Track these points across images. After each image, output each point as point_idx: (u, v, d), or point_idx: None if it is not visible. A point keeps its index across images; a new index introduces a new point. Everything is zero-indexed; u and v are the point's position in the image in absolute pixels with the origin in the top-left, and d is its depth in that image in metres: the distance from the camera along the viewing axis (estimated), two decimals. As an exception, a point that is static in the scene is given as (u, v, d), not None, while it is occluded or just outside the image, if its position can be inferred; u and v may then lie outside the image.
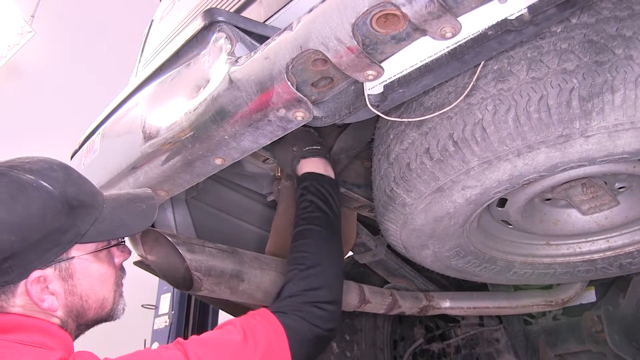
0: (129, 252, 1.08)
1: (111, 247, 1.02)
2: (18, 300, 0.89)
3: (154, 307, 3.90)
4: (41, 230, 0.89)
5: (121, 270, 1.06)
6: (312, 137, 1.42)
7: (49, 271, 0.91)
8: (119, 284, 1.04)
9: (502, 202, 1.33)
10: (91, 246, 0.97)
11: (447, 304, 1.99)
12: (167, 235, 1.29)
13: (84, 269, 0.95)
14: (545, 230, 1.50)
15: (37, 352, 0.86)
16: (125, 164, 1.27)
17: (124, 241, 1.07)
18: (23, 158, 0.95)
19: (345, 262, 2.46)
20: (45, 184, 0.91)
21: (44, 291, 0.90)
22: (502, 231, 1.52)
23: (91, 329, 1.03)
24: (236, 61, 0.98)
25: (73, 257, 0.93)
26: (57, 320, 0.92)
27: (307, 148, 1.37)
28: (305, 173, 1.34)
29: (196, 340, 0.96)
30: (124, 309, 1.04)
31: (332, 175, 1.36)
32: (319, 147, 1.39)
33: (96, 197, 0.99)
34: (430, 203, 1.18)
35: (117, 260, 1.04)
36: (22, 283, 0.89)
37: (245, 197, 1.91)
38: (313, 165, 1.35)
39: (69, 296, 0.93)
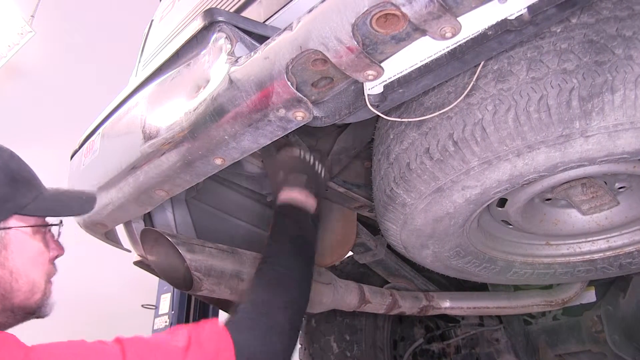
0: (63, 249, 1.06)
1: (49, 226, 1.02)
2: None
3: (154, 307, 3.91)
4: None
5: (53, 265, 1.04)
6: (297, 165, 1.34)
7: None
8: (50, 276, 1.02)
9: (502, 202, 1.33)
10: (30, 221, 0.97)
11: (447, 304, 1.99)
12: (167, 235, 1.29)
13: (20, 243, 0.95)
14: (545, 230, 1.50)
15: None
16: (125, 164, 1.27)
17: (61, 223, 1.06)
18: None
19: (345, 262, 2.46)
20: None
21: None
22: (502, 231, 1.52)
23: (93, 330, 1.02)
24: (236, 61, 0.98)
25: (10, 228, 0.94)
26: None
27: (294, 175, 1.29)
28: (283, 203, 1.26)
29: (138, 339, 0.94)
30: (53, 307, 1.01)
31: (309, 204, 1.27)
32: (305, 177, 1.29)
33: (38, 180, 1.01)
34: (430, 203, 1.18)
35: (51, 253, 1.02)
36: None
37: (245, 197, 1.91)
38: (294, 194, 1.26)
39: (0, 268, 0.92)
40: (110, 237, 1.60)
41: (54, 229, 1.05)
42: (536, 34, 0.95)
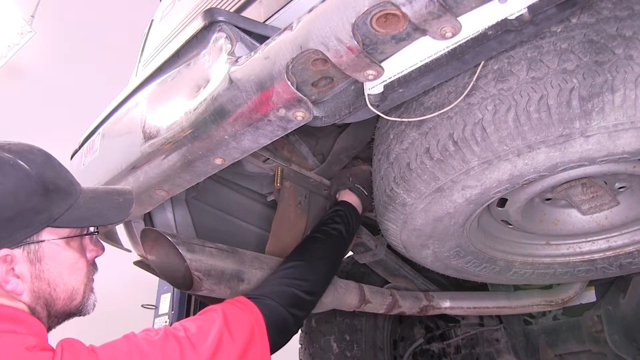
0: (102, 248, 1.06)
1: (84, 235, 1.01)
2: None
3: (154, 307, 3.90)
4: (13, 208, 0.88)
5: (93, 265, 1.05)
6: (366, 179, 1.62)
7: (17, 252, 0.89)
8: (90, 278, 1.02)
9: (502, 202, 1.33)
10: (64, 232, 0.96)
11: (447, 304, 1.99)
12: (167, 235, 1.29)
13: (54, 255, 0.94)
14: (545, 230, 1.50)
15: (6, 339, 0.83)
16: (125, 164, 1.27)
17: (97, 232, 1.06)
18: (7, 140, 0.95)
19: (345, 262, 2.46)
20: (22, 163, 0.90)
21: (9, 272, 0.89)
22: (502, 231, 1.52)
23: (93, 330, 1.02)
24: (236, 61, 0.98)
25: (43, 241, 0.92)
26: (23, 306, 0.90)
27: (358, 186, 1.61)
28: (344, 200, 1.58)
29: (178, 338, 0.95)
30: (94, 305, 1.02)
31: (362, 212, 1.59)
32: (364, 190, 1.61)
33: (73, 185, 0.99)
34: (430, 203, 1.18)
35: (89, 255, 1.02)
36: None
37: (245, 197, 1.91)
38: (353, 198, 1.58)
39: (36, 281, 0.91)
40: (110, 237, 1.60)
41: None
42: (536, 34, 0.95)
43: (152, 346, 0.91)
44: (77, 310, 1.00)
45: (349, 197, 1.58)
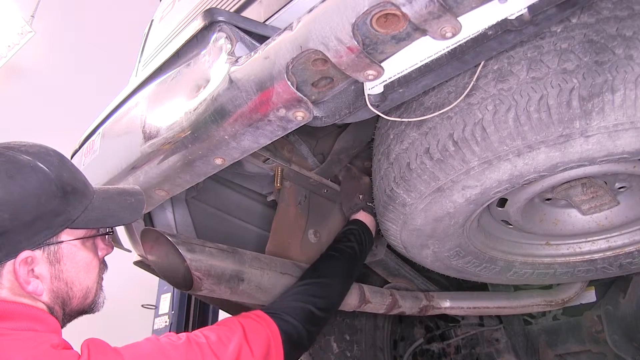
0: (112, 247, 1.09)
1: (100, 235, 1.03)
2: (4, 281, 0.89)
3: (154, 307, 3.90)
4: (34, 211, 0.89)
5: (103, 263, 1.07)
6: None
7: (38, 253, 0.91)
8: (100, 277, 1.05)
9: (502, 202, 1.33)
10: (80, 233, 0.97)
11: (447, 304, 1.99)
12: (167, 235, 1.28)
13: (72, 255, 0.96)
14: (545, 230, 1.50)
15: (29, 337, 0.86)
16: (125, 164, 1.27)
17: (112, 232, 1.08)
18: (18, 141, 0.96)
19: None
20: (42, 165, 0.92)
21: (29, 274, 0.90)
22: (502, 231, 1.52)
23: (93, 330, 1.04)
24: (236, 61, 0.98)
25: (62, 242, 0.94)
26: (43, 306, 0.92)
27: (370, 204, 1.62)
28: (358, 219, 1.62)
29: (200, 344, 0.98)
30: (104, 302, 1.05)
31: (374, 232, 1.62)
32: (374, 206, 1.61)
33: (87, 186, 1.01)
34: (430, 203, 1.18)
35: (100, 253, 1.04)
36: (10, 263, 0.89)
37: (245, 197, 1.91)
38: (368, 219, 1.62)
39: (55, 281, 0.93)
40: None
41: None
42: (536, 34, 0.95)
43: (175, 350, 0.94)
44: (90, 308, 1.02)
45: (363, 217, 1.62)
